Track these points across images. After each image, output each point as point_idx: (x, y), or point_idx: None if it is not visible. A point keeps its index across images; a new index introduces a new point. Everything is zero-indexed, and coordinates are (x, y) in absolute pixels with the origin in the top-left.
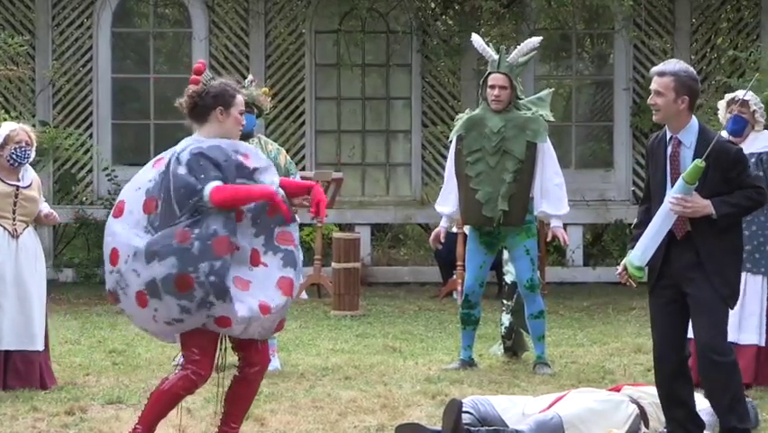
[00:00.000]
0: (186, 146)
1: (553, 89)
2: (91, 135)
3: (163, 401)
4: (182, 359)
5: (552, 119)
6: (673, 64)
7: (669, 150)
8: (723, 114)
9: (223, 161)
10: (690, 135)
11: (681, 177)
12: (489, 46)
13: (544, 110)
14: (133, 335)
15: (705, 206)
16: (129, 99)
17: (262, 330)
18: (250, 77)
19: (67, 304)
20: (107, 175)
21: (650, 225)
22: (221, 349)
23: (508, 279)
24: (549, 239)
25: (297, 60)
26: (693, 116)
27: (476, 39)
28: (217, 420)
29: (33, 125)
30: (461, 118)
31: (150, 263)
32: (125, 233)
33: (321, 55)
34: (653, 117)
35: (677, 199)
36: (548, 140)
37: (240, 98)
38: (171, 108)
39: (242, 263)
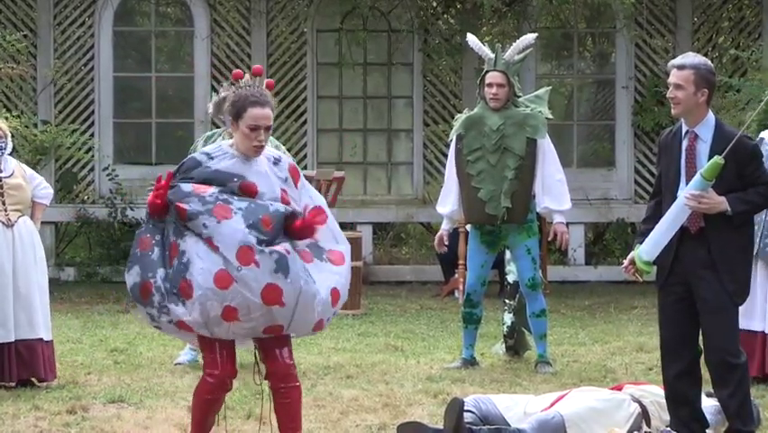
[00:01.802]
0: (204, 151)
1: (550, 87)
2: (92, 134)
3: (196, 409)
4: (180, 357)
5: (550, 116)
6: (692, 57)
7: (685, 143)
8: None
9: (194, 169)
10: (707, 130)
11: (698, 173)
12: (484, 45)
13: (542, 108)
14: (135, 334)
15: (720, 202)
16: (130, 98)
17: (234, 334)
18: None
19: (68, 303)
20: (108, 174)
21: (662, 219)
22: (256, 362)
23: (510, 278)
24: (551, 238)
25: (298, 59)
26: (710, 111)
27: (471, 38)
28: (219, 421)
29: (35, 124)
30: (460, 118)
31: (125, 274)
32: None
33: (322, 54)
34: (672, 111)
35: (693, 195)
36: (547, 136)
37: (254, 112)
38: (173, 107)
39: (228, 264)
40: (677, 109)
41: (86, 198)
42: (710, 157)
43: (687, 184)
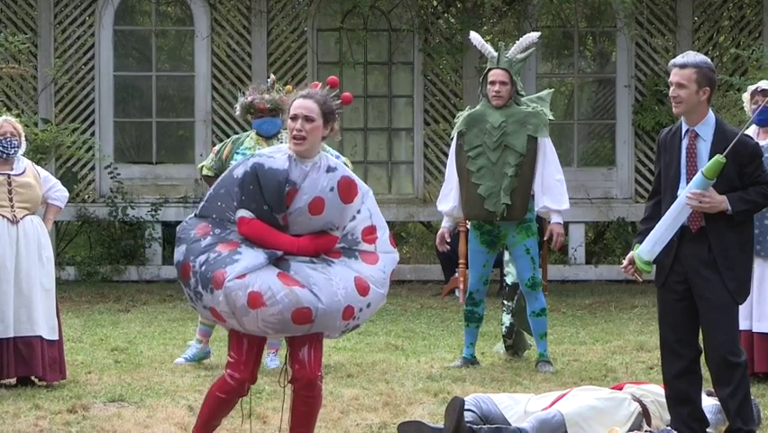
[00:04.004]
0: (261, 153)
1: (553, 89)
2: (93, 133)
3: (207, 405)
4: (180, 358)
5: (551, 118)
6: (693, 56)
7: (685, 142)
8: (748, 106)
9: (272, 189)
10: (707, 128)
11: (700, 171)
12: (487, 43)
13: (544, 109)
14: (135, 333)
15: (721, 201)
16: (131, 97)
17: (265, 324)
18: (272, 76)
19: (69, 302)
20: (110, 173)
21: (662, 219)
22: (284, 365)
23: (509, 280)
24: (546, 237)
25: (299, 58)
26: (710, 109)
27: (474, 36)
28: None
29: (36, 123)
30: (462, 115)
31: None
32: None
33: (323, 53)
34: (674, 110)
35: (694, 194)
36: (548, 136)
37: (295, 103)
38: (173, 106)
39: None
40: (679, 108)
41: (86, 197)
42: (711, 156)
43: (687, 183)
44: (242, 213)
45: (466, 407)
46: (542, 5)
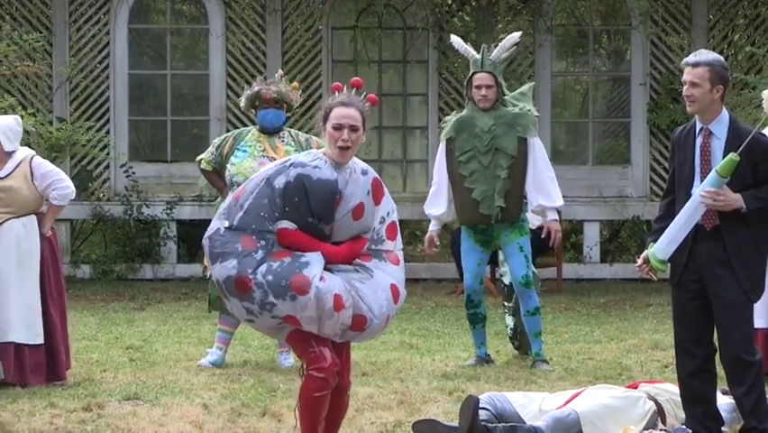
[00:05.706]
0: (301, 161)
1: (534, 83)
2: (108, 132)
3: (307, 413)
4: (204, 359)
5: (537, 114)
6: (705, 54)
7: (699, 141)
8: (767, 104)
9: (323, 200)
10: (721, 127)
11: (714, 170)
12: (468, 45)
13: (528, 105)
14: (150, 331)
15: (736, 199)
16: (146, 96)
17: (341, 327)
18: (279, 71)
19: (84, 300)
20: (125, 172)
21: (677, 217)
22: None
23: (506, 280)
24: (543, 235)
25: (313, 57)
26: (724, 108)
27: (456, 40)
28: (234, 417)
29: (51, 122)
30: (450, 121)
31: (215, 264)
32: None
33: (338, 51)
34: (688, 109)
35: (709, 193)
36: (537, 135)
37: (338, 112)
38: (188, 105)
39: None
40: (692, 107)
41: (101, 195)
42: (725, 154)
43: (701, 181)
44: (285, 224)
45: (481, 405)
46: (556, 3)
